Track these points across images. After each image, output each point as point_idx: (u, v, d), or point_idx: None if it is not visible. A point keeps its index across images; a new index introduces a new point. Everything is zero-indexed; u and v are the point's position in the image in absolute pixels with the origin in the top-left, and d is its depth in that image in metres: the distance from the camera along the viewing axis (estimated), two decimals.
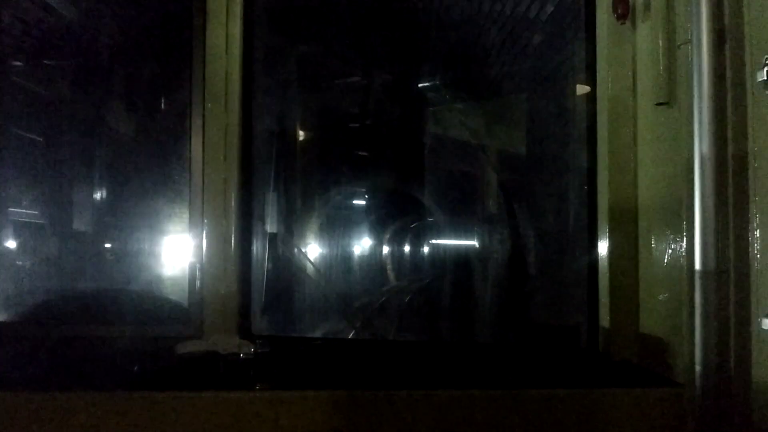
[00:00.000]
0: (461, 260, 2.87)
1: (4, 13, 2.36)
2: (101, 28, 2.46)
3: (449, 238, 2.96)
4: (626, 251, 1.98)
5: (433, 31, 2.87)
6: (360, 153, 3.07)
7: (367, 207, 3.07)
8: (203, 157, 2.34)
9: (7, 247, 2.62)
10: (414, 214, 3.05)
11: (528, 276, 2.55)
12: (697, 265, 1.51)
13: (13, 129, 2.60)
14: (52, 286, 2.65)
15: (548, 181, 2.63)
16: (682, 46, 1.68)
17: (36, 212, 2.70)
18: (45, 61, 2.56)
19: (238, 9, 2.35)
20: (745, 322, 1.45)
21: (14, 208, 2.66)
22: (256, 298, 2.47)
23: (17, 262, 2.64)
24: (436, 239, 2.99)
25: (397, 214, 3.09)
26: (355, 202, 3.06)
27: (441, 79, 2.97)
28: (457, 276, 2.81)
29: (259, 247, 2.53)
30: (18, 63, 2.45)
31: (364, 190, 3.06)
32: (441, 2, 2.72)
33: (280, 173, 2.74)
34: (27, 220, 2.66)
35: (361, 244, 3.04)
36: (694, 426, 1.52)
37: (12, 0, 2.43)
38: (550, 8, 2.54)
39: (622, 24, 1.99)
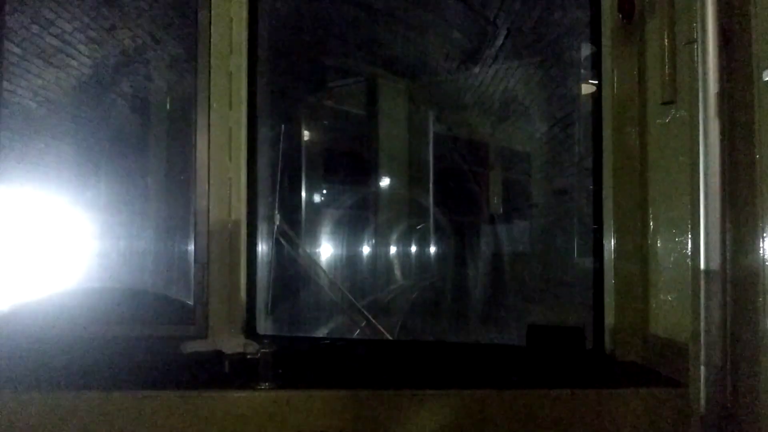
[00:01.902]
0: (466, 261, 2.87)
1: None
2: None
3: (453, 239, 2.96)
4: (632, 251, 1.98)
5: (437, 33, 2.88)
6: (365, 154, 3.07)
7: (373, 207, 3.07)
8: (208, 157, 2.35)
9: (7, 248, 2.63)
10: (419, 217, 3.06)
11: (535, 277, 2.54)
12: (703, 266, 1.50)
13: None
14: (56, 286, 2.66)
15: (554, 181, 2.62)
16: (687, 45, 1.67)
17: (36, 211, 2.71)
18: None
19: (243, 8, 2.35)
20: (752, 322, 1.44)
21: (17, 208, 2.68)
22: (262, 297, 2.47)
23: (20, 263, 2.65)
24: (440, 240, 2.99)
25: (402, 216, 3.09)
26: (360, 202, 3.06)
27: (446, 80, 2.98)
28: (462, 276, 2.80)
29: (264, 247, 2.53)
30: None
31: (369, 190, 3.06)
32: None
33: (286, 173, 2.75)
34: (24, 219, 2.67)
35: (366, 244, 3.04)
36: (699, 426, 1.51)
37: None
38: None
39: (627, 23, 1.98)
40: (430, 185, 3.05)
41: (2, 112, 1.91)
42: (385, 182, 3.05)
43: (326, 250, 2.95)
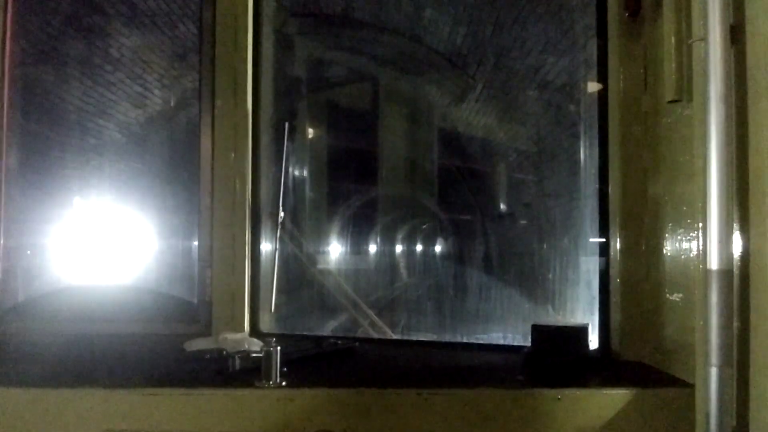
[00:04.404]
0: (469, 260, 2.86)
1: None
2: None
3: (456, 237, 2.95)
4: (638, 251, 1.97)
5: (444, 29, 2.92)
6: (370, 152, 3.07)
7: (377, 205, 3.06)
8: (212, 154, 2.35)
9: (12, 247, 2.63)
10: (423, 217, 3.06)
11: (539, 276, 2.54)
12: (711, 265, 1.49)
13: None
14: (59, 284, 2.67)
15: (560, 180, 2.62)
16: (694, 42, 1.66)
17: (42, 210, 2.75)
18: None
19: (247, 4, 2.35)
20: (760, 322, 1.43)
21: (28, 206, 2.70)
22: (266, 295, 2.47)
23: (19, 261, 2.66)
24: (443, 239, 2.98)
25: (407, 217, 3.09)
26: (365, 200, 3.06)
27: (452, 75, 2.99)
28: (466, 275, 2.80)
29: (268, 245, 2.53)
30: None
31: (374, 188, 3.06)
32: None
33: (290, 171, 2.75)
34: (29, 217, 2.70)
35: (371, 242, 3.04)
36: (705, 426, 1.50)
37: None
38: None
39: (633, 21, 1.97)
40: (435, 187, 3.07)
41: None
42: (390, 182, 3.06)
43: (331, 248, 2.95)
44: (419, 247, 3.08)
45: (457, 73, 2.91)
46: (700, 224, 1.59)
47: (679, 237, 1.77)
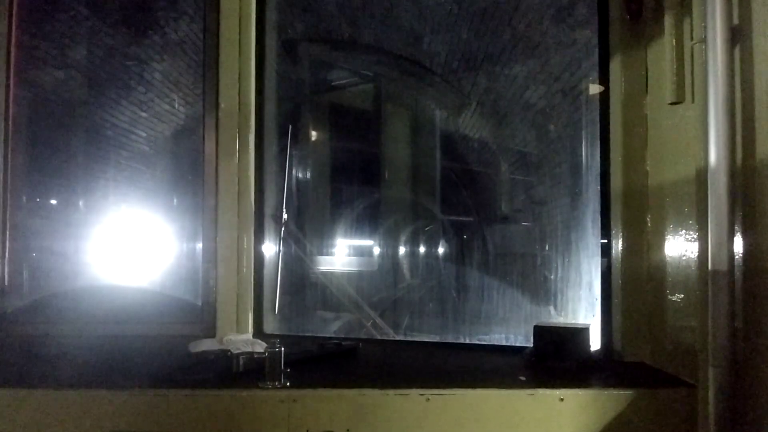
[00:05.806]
0: (471, 260, 2.87)
1: None
2: None
3: (457, 237, 2.96)
4: (640, 252, 1.97)
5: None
6: (373, 152, 3.08)
7: (380, 207, 3.07)
8: (216, 157, 2.36)
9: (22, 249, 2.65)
10: (426, 219, 3.06)
11: (540, 277, 2.54)
12: (711, 266, 1.50)
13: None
14: (65, 286, 2.68)
15: (561, 182, 2.62)
16: (695, 44, 1.67)
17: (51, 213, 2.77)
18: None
19: (251, 6, 2.36)
20: (761, 323, 1.44)
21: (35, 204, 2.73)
22: (269, 296, 2.48)
23: (33, 263, 2.68)
24: (444, 240, 2.99)
25: (409, 218, 3.10)
26: (367, 201, 3.07)
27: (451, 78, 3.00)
28: (467, 276, 2.80)
29: (272, 246, 2.54)
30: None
31: (377, 191, 3.06)
32: None
33: (294, 173, 2.76)
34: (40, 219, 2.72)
35: (374, 243, 3.04)
36: (707, 427, 1.50)
37: None
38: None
39: (635, 23, 1.98)
40: (436, 188, 3.08)
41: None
42: (392, 183, 3.06)
43: (334, 249, 2.96)
44: (422, 249, 3.09)
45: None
46: (701, 225, 1.59)
47: (680, 238, 1.78)
